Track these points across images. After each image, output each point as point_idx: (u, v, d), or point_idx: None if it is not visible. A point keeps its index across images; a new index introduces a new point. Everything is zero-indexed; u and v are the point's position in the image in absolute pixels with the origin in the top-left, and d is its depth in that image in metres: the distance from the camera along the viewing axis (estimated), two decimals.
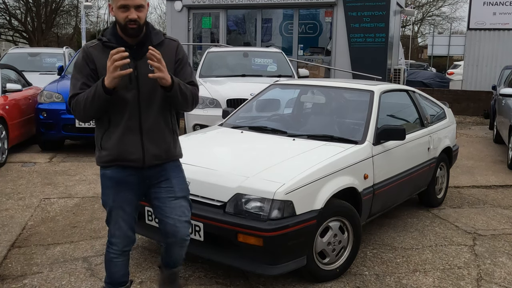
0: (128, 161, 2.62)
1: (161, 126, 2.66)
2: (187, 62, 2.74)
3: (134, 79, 2.57)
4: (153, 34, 2.64)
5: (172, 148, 2.74)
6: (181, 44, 2.75)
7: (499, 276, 3.70)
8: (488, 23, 14.98)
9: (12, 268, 3.69)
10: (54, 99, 7.57)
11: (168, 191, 2.73)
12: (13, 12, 31.32)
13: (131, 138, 2.60)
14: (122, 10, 2.50)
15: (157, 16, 46.55)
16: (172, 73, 2.56)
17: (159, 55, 2.46)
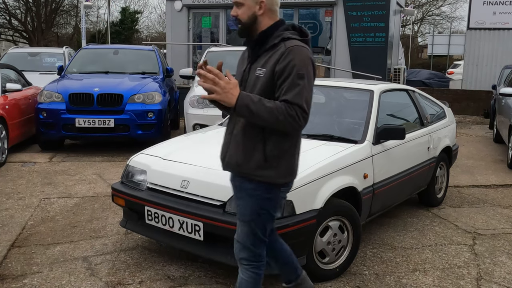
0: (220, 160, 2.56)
1: (247, 134, 2.38)
2: (291, 75, 2.26)
3: (244, 81, 2.45)
4: (273, 37, 2.39)
5: (247, 165, 2.39)
6: (291, 53, 2.29)
7: (499, 276, 3.70)
8: (488, 23, 14.98)
9: (12, 267, 3.69)
10: (54, 99, 7.56)
11: (237, 209, 2.57)
12: (13, 12, 31.30)
13: (225, 138, 2.52)
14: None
15: (157, 16, 46.58)
16: (270, 84, 2.31)
17: (213, 73, 2.24)
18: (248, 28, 2.40)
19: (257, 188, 2.41)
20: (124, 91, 7.62)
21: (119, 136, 7.65)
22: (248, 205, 2.46)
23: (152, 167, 3.76)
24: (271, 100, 2.26)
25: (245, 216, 2.48)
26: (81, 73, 8.71)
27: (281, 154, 2.39)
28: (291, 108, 2.23)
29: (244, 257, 2.54)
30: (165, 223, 3.44)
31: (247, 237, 2.51)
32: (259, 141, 2.36)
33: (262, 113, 2.22)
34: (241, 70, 2.51)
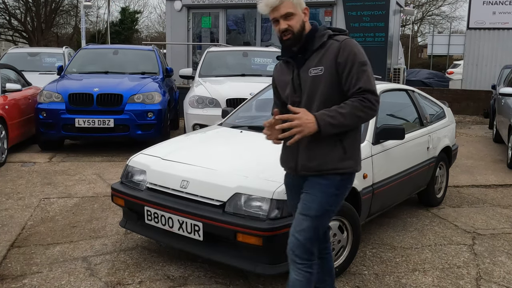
0: (286, 168, 2.65)
1: (320, 139, 2.41)
2: (355, 64, 2.37)
3: (297, 88, 2.50)
4: (317, 37, 2.48)
5: (329, 161, 2.47)
6: (347, 44, 2.42)
7: (498, 275, 3.70)
8: (488, 23, 14.97)
9: (12, 268, 3.69)
10: (53, 99, 7.56)
11: (301, 203, 2.54)
12: (12, 12, 31.30)
13: (290, 147, 2.51)
14: (275, 24, 2.46)
15: (157, 16, 46.58)
16: (335, 78, 2.39)
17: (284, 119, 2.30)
18: (300, 35, 2.45)
19: (331, 184, 2.48)
20: (124, 91, 7.62)
21: (118, 136, 7.65)
22: (316, 200, 2.48)
23: (151, 167, 3.76)
24: (341, 105, 2.34)
25: (310, 211, 2.48)
26: (81, 73, 8.71)
27: (355, 143, 2.54)
28: (364, 99, 2.33)
29: (298, 254, 2.51)
30: (165, 223, 3.44)
31: (306, 232, 2.49)
32: (335, 137, 2.43)
33: (343, 122, 2.32)
34: (287, 80, 2.55)
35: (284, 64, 2.60)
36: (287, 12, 2.41)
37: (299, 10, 2.44)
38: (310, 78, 2.44)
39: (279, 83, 2.64)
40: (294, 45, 2.47)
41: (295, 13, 2.42)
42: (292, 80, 2.52)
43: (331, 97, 2.40)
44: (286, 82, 2.56)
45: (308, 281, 2.53)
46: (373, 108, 2.35)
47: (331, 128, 2.31)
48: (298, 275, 2.51)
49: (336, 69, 2.39)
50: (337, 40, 2.43)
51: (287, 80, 2.55)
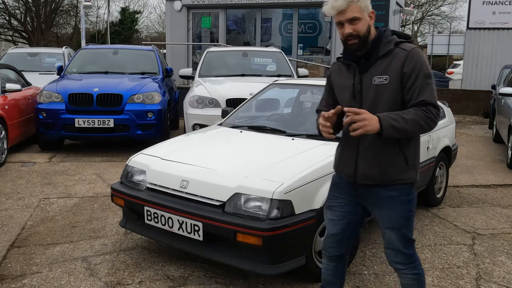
0: (342, 174, 2.60)
1: (380, 143, 2.41)
2: (420, 76, 2.34)
3: (357, 93, 2.45)
4: (383, 44, 2.43)
5: (391, 172, 2.45)
6: (415, 54, 2.38)
7: (498, 275, 3.70)
8: (488, 23, 14.97)
9: (12, 268, 3.69)
10: (53, 99, 7.55)
11: (380, 219, 2.57)
12: (12, 12, 31.29)
13: (348, 152, 2.53)
14: (339, 27, 2.41)
15: (157, 16, 46.59)
16: (399, 88, 2.37)
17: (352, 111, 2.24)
18: (366, 40, 2.40)
19: (402, 194, 2.47)
20: (124, 91, 7.62)
21: (118, 136, 7.65)
22: (396, 213, 2.49)
23: (151, 167, 3.76)
24: (405, 111, 2.32)
25: (394, 224, 2.51)
26: (81, 73, 8.71)
27: (416, 154, 2.52)
28: (427, 110, 2.31)
29: (399, 261, 2.56)
30: (165, 223, 3.44)
31: (398, 242, 2.53)
32: (397, 146, 2.42)
33: (405, 127, 2.29)
34: (347, 84, 2.49)
35: (345, 66, 2.53)
36: (353, 17, 2.36)
37: (365, 14, 2.40)
38: (374, 86, 2.39)
39: (337, 85, 2.58)
40: (359, 50, 2.41)
41: (362, 17, 2.38)
42: (353, 85, 2.46)
43: (394, 108, 2.37)
44: (346, 86, 2.50)
45: (419, 282, 2.59)
46: (434, 121, 2.34)
47: (393, 131, 2.28)
48: (407, 280, 2.57)
49: (401, 79, 2.36)
50: (404, 49, 2.39)
51: (347, 84, 2.49)
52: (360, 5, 2.37)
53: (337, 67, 2.60)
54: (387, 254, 2.60)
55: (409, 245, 2.55)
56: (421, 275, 2.59)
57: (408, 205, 2.50)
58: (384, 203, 2.49)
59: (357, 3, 2.36)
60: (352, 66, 2.47)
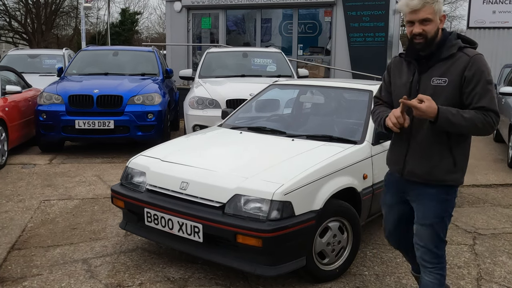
0: (392, 169, 2.70)
1: (431, 142, 2.48)
2: (481, 82, 2.38)
3: (414, 92, 2.48)
4: (446, 47, 2.47)
5: (439, 172, 2.50)
6: (478, 60, 2.41)
7: (499, 275, 3.70)
8: (488, 22, 14.96)
9: (12, 270, 3.69)
10: (53, 101, 7.56)
11: (416, 214, 2.63)
12: (13, 14, 31.33)
13: (398, 149, 2.61)
14: (409, 25, 2.45)
15: (157, 17, 46.61)
16: (457, 92, 2.41)
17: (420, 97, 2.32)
18: (432, 42, 2.43)
19: (439, 192, 2.53)
20: (124, 92, 7.62)
21: (119, 137, 7.65)
22: (430, 210, 2.55)
23: (151, 168, 3.75)
24: (466, 110, 2.36)
25: (426, 220, 2.56)
26: (81, 75, 8.71)
27: (465, 156, 2.57)
28: (487, 114, 2.36)
29: (428, 259, 2.62)
30: (165, 224, 3.44)
31: (429, 240, 2.59)
32: (446, 146, 2.47)
33: (462, 123, 2.34)
34: (405, 81, 2.55)
35: (406, 63, 2.59)
36: (426, 17, 2.39)
37: (437, 17, 2.42)
38: (431, 87, 2.43)
39: (395, 80, 2.65)
40: (423, 50, 2.45)
41: (433, 19, 2.40)
42: (411, 83, 2.51)
43: None
44: (403, 83, 2.57)
45: (440, 283, 2.62)
46: (493, 126, 2.39)
47: (448, 124, 2.32)
48: (429, 277, 2.63)
49: (461, 83, 2.40)
50: (467, 54, 2.42)
51: (405, 81, 2.55)
52: (434, 7, 2.40)
53: (398, 62, 2.65)
54: (417, 251, 2.65)
55: (440, 245, 2.60)
56: (444, 277, 2.64)
57: (444, 204, 2.55)
58: (422, 198, 2.56)
59: (432, 4, 2.39)
60: (413, 64, 2.52)
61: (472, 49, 2.48)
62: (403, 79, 2.58)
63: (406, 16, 2.44)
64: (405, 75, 2.57)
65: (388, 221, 2.87)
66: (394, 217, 2.82)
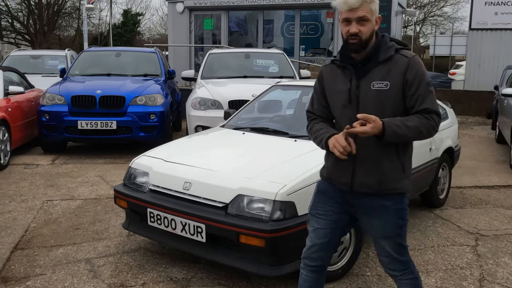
0: (337, 183, 2.49)
1: (380, 153, 2.36)
2: (423, 84, 2.32)
3: (354, 99, 2.36)
4: (383, 49, 2.37)
5: (389, 180, 2.39)
6: (416, 62, 2.35)
7: (502, 276, 3.69)
8: (490, 23, 14.95)
9: (15, 270, 3.70)
10: (56, 101, 7.58)
11: (373, 229, 2.50)
12: (15, 15, 31.39)
13: (344, 161, 2.36)
14: (345, 24, 2.34)
15: (159, 18, 46.65)
16: (400, 95, 2.32)
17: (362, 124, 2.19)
18: (366, 43, 2.35)
19: (395, 203, 2.43)
20: (126, 93, 7.63)
21: (121, 138, 7.67)
22: (390, 222, 2.44)
23: (154, 169, 3.76)
24: (409, 118, 2.30)
25: (388, 233, 2.46)
26: (83, 76, 8.74)
27: (410, 160, 2.49)
28: (430, 118, 2.31)
29: (395, 268, 2.52)
30: (168, 225, 3.45)
31: (393, 250, 2.49)
32: (394, 152, 2.39)
33: (407, 133, 2.28)
34: (342, 88, 2.40)
35: (340, 69, 2.44)
36: (363, 16, 2.31)
37: (373, 17, 2.36)
38: (373, 92, 2.33)
39: (331, 89, 2.48)
40: (357, 52, 2.35)
41: (370, 19, 2.34)
42: (350, 90, 2.37)
43: (392, 114, 2.32)
44: (341, 90, 2.41)
45: (416, 285, 2.55)
46: (436, 128, 2.34)
47: (394, 136, 2.26)
48: (404, 285, 2.53)
49: (403, 86, 2.32)
50: (405, 56, 2.36)
51: (342, 89, 2.40)
52: (371, 7, 2.35)
53: (331, 70, 2.50)
54: (382, 262, 2.56)
55: (403, 252, 2.51)
56: (417, 278, 2.57)
57: (401, 213, 2.46)
58: (378, 213, 2.43)
59: (369, 4, 2.34)
60: (349, 70, 2.40)
61: (407, 51, 2.40)
62: (340, 86, 2.42)
63: (343, 14, 2.34)
64: (342, 82, 2.41)
65: (318, 237, 2.57)
66: (330, 231, 2.55)
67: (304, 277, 2.62)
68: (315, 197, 2.62)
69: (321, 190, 2.59)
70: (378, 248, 2.53)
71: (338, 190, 2.50)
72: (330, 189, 2.54)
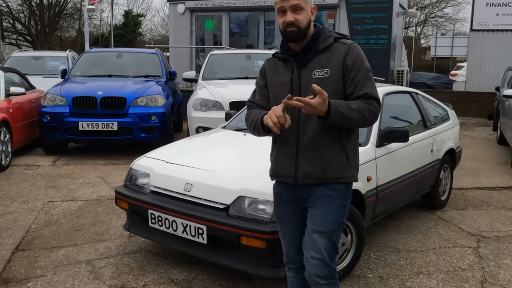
0: (282, 177, 2.45)
1: (322, 141, 2.34)
2: (362, 69, 2.33)
3: (296, 89, 2.35)
4: (322, 38, 2.37)
5: (333, 168, 2.36)
6: (356, 47, 2.36)
7: (504, 278, 3.68)
8: (491, 24, 14.94)
9: (16, 271, 3.70)
10: (57, 102, 7.58)
11: (311, 220, 2.40)
12: (16, 16, 31.42)
13: (286, 153, 2.39)
14: (280, 15, 2.34)
15: (160, 19, 46.69)
16: (341, 81, 2.32)
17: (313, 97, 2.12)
18: (305, 33, 2.34)
19: (339, 195, 2.39)
20: (127, 94, 7.64)
21: (122, 139, 7.67)
22: (329, 214, 2.37)
23: (155, 170, 3.76)
24: (352, 101, 2.27)
25: (325, 226, 2.36)
26: (85, 77, 8.74)
27: (356, 150, 2.47)
28: (370, 102, 2.29)
29: (323, 275, 2.37)
30: (169, 226, 3.44)
31: (326, 251, 2.37)
32: (337, 142, 2.36)
33: (351, 115, 2.23)
34: (284, 80, 2.39)
35: (281, 62, 2.44)
36: (297, 4, 2.29)
37: (308, 7, 2.34)
38: (314, 80, 2.29)
39: (273, 81, 2.46)
40: (296, 40, 2.35)
41: (305, 8, 2.32)
42: (291, 80, 2.37)
43: None
44: (283, 82, 2.40)
45: None
46: (376, 114, 2.31)
47: (339, 117, 2.20)
48: None
49: (343, 71, 2.32)
50: (344, 43, 2.36)
51: (284, 80, 2.39)
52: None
53: (273, 64, 2.49)
54: (309, 266, 2.38)
55: (334, 256, 2.41)
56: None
57: (342, 209, 2.41)
58: (321, 203, 2.38)
59: None
60: (290, 61, 2.40)
61: (348, 39, 2.41)
62: (281, 78, 2.41)
63: (277, 4, 2.33)
64: (284, 74, 2.41)
65: (290, 240, 2.54)
66: (297, 231, 2.49)
67: (292, 279, 2.65)
68: (274, 202, 2.59)
69: (276, 194, 2.56)
70: (310, 246, 2.38)
71: (288, 187, 2.46)
72: (282, 191, 2.51)
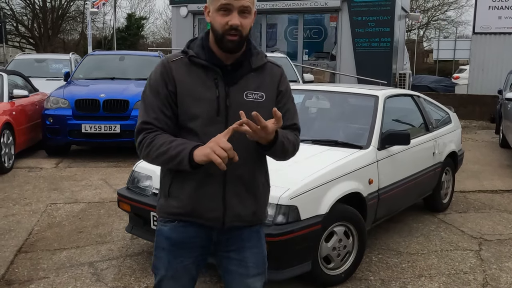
0: (204, 219, 1.94)
1: (254, 175, 1.97)
2: (291, 97, 2.03)
3: (223, 110, 1.89)
4: (255, 54, 1.96)
5: (263, 207, 2.04)
6: (284, 72, 2.05)
7: (505, 281, 3.68)
8: (494, 27, 14.94)
9: (19, 273, 3.71)
10: (60, 105, 7.61)
11: (240, 265, 2.02)
12: (20, 19, 31.57)
13: (211, 189, 1.91)
14: (222, 13, 1.85)
15: (163, 22, 46.79)
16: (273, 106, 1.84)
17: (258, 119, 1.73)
18: (243, 44, 1.92)
19: (261, 229, 2.09)
20: (130, 96, 7.66)
21: (125, 141, 7.67)
22: (262, 253, 2.07)
23: (157, 172, 3.75)
24: (285, 131, 1.95)
25: (259, 267, 2.04)
26: (87, 79, 8.76)
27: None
28: (297, 134, 2.03)
29: None
30: None
31: None
32: (264, 173, 2.05)
33: (288, 146, 1.94)
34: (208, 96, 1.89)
35: (200, 70, 1.92)
36: (247, 6, 1.86)
37: (253, 11, 1.91)
38: (246, 103, 1.89)
39: (189, 93, 1.89)
40: (234, 50, 1.89)
41: (251, 13, 1.89)
42: (218, 99, 1.89)
43: None
44: (205, 98, 1.89)
45: None
46: (299, 145, 2.03)
47: (280, 148, 1.89)
48: None
49: (277, 98, 1.98)
50: (277, 65, 2.04)
51: (208, 96, 1.89)
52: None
53: (185, 68, 1.92)
54: None
55: None
56: None
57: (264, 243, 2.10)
58: (250, 243, 2.02)
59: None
60: (215, 72, 1.91)
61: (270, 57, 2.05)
62: (203, 93, 1.89)
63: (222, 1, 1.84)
64: (206, 88, 1.90)
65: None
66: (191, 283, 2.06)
67: None
68: (166, 255, 2.00)
69: (174, 242, 1.98)
70: None
71: (202, 231, 1.97)
72: (187, 235, 1.97)
